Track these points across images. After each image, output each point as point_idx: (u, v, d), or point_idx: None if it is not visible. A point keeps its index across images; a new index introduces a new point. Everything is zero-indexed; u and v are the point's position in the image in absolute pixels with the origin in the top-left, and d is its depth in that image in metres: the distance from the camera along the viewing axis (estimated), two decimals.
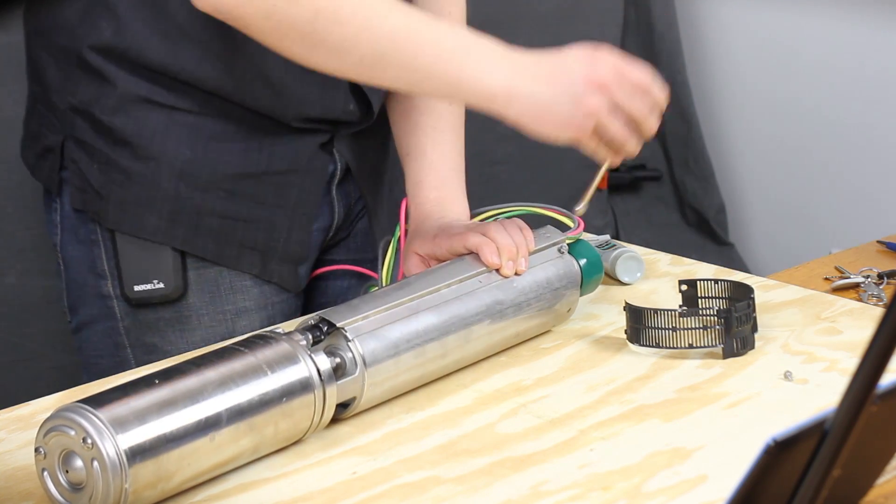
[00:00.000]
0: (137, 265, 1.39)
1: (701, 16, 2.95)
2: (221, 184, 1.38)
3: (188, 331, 1.42)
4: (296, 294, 1.48)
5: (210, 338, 1.41)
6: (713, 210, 2.93)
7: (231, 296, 1.43)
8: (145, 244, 1.39)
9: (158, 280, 1.39)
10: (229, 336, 1.41)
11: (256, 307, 1.44)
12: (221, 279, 1.42)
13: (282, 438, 1.10)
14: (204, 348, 1.29)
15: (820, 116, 2.76)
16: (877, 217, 2.63)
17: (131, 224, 1.38)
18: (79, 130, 1.39)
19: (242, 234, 1.40)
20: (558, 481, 1.05)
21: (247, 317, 1.43)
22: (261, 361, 1.08)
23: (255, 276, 1.43)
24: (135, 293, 1.39)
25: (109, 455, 0.97)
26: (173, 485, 1.02)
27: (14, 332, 2.24)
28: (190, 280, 1.41)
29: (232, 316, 1.43)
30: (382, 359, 1.16)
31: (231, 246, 1.41)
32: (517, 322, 1.28)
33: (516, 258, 1.27)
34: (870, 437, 0.83)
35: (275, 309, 1.45)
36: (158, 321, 1.41)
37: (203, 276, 1.41)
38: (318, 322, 1.14)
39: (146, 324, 1.42)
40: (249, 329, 1.42)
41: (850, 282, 1.53)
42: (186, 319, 1.41)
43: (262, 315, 1.44)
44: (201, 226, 1.39)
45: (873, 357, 0.71)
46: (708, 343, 1.26)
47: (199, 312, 1.42)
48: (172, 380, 1.04)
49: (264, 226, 1.41)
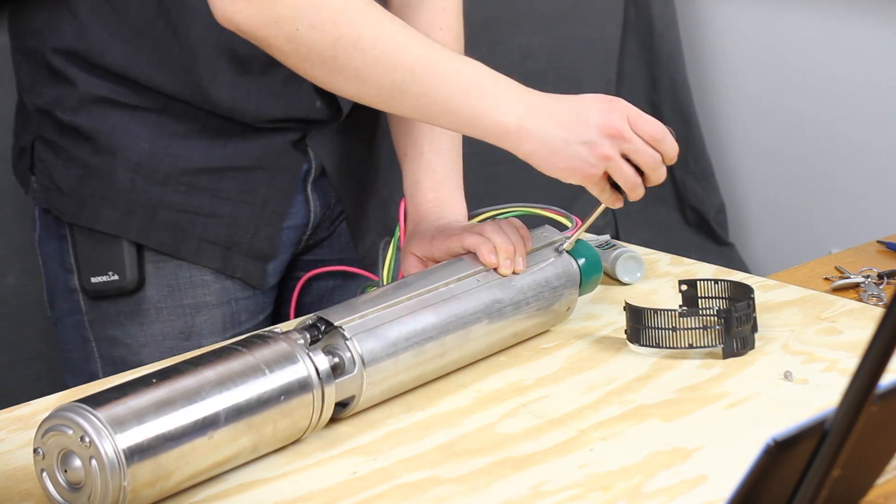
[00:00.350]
0: (94, 258, 1.41)
1: (701, 16, 2.95)
2: (180, 178, 1.39)
3: (146, 324, 1.42)
4: (263, 291, 1.48)
5: (169, 331, 1.42)
6: (713, 210, 2.93)
7: (190, 290, 1.43)
8: (102, 237, 1.40)
9: (113, 272, 1.40)
10: (188, 330, 1.42)
11: (218, 302, 1.44)
12: (180, 272, 1.42)
13: (281, 438, 1.10)
14: (164, 344, 1.32)
15: (820, 117, 2.76)
16: (877, 217, 2.63)
17: (87, 217, 1.40)
18: (45, 130, 1.41)
19: (202, 228, 1.40)
20: (558, 481, 1.05)
21: (206, 311, 1.43)
22: (259, 361, 1.08)
23: (217, 270, 1.43)
24: (91, 285, 1.41)
25: (107, 453, 0.97)
26: (172, 483, 1.02)
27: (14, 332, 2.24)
28: (148, 273, 1.41)
29: (191, 310, 1.43)
30: (381, 358, 1.16)
31: (189, 240, 1.41)
32: (516, 321, 1.28)
33: (514, 257, 1.27)
34: (870, 437, 0.83)
35: (239, 305, 1.45)
36: (119, 314, 1.42)
37: (161, 270, 1.42)
38: (316, 321, 1.15)
39: (107, 317, 1.43)
40: (209, 324, 1.43)
41: (850, 282, 1.53)
42: (145, 312, 1.42)
43: (223, 310, 1.44)
44: (157, 219, 1.40)
45: (873, 357, 0.71)
46: (708, 343, 1.26)
47: (157, 306, 1.42)
48: (171, 379, 1.04)
49: (227, 220, 1.42)
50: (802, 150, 2.81)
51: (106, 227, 1.40)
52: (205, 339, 1.44)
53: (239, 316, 1.45)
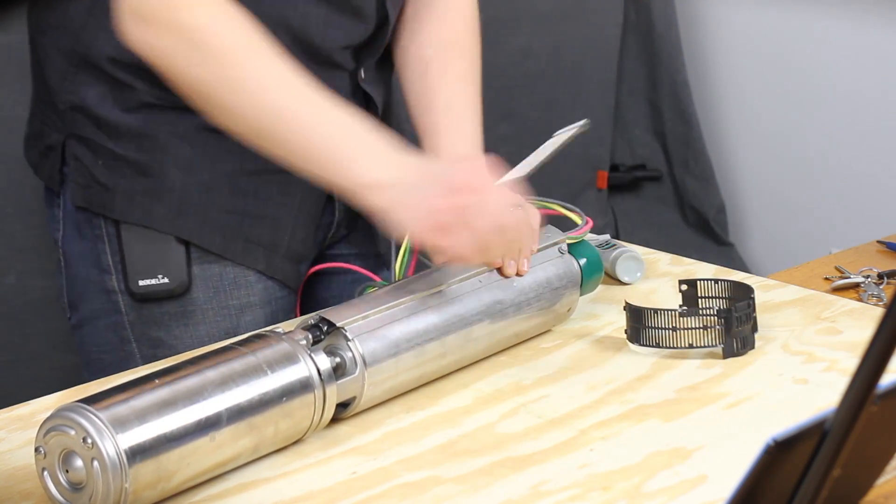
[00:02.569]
0: (143, 259, 1.39)
1: (701, 16, 2.95)
2: (223, 180, 1.40)
3: (192, 325, 1.42)
4: (294, 290, 1.48)
5: (214, 332, 1.42)
6: (713, 210, 2.93)
7: (235, 291, 1.43)
8: (151, 237, 1.39)
9: (163, 275, 1.40)
10: (233, 331, 1.41)
11: (261, 302, 1.44)
12: (225, 274, 1.42)
13: (282, 438, 1.10)
14: (210, 345, 1.29)
15: (820, 116, 2.76)
16: (877, 217, 2.63)
17: (139, 214, 1.39)
18: (80, 128, 1.40)
19: (248, 229, 1.41)
20: (558, 481, 1.05)
21: (251, 312, 1.44)
22: (261, 361, 1.08)
23: (260, 271, 1.43)
24: (140, 288, 1.40)
25: (110, 455, 0.97)
26: (173, 485, 1.02)
27: (14, 332, 2.24)
28: (194, 275, 1.41)
29: (236, 311, 1.43)
30: (382, 358, 1.16)
31: (237, 240, 1.42)
32: (517, 322, 1.28)
33: (518, 259, 1.27)
34: (870, 437, 0.83)
35: (277, 305, 1.46)
36: (163, 315, 1.42)
37: (207, 271, 1.42)
38: (318, 322, 1.14)
39: (151, 318, 1.42)
40: (254, 324, 1.43)
41: (850, 282, 1.53)
42: (191, 314, 1.42)
43: (266, 311, 1.45)
44: (208, 218, 1.40)
45: (873, 357, 0.71)
46: (708, 343, 1.26)
47: (203, 307, 1.42)
48: (172, 379, 1.04)
49: (269, 222, 1.42)
50: (802, 150, 2.81)
51: (160, 224, 1.39)
52: None
53: (277, 316, 1.45)
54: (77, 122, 1.40)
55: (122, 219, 1.39)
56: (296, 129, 1.23)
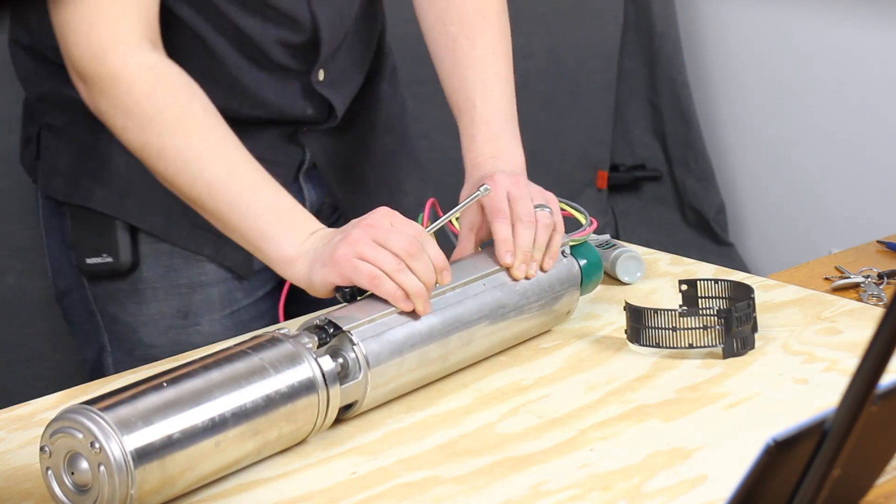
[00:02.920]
0: (88, 239, 1.43)
1: (701, 16, 2.95)
2: None
3: (144, 303, 1.44)
4: (246, 278, 1.48)
5: (166, 310, 1.44)
6: (713, 210, 2.93)
7: (186, 270, 1.44)
8: (97, 218, 1.42)
9: (107, 254, 1.42)
10: (185, 310, 1.43)
11: (214, 281, 1.45)
12: (175, 253, 1.44)
13: (285, 441, 1.10)
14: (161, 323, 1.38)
15: (820, 116, 2.76)
16: (877, 217, 2.63)
17: (81, 196, 1.42)
18: (49, 116, 1.43)
19: (194, 214, 1.39)
20: (558, 481, 1.05)
21: (203, 291, 1.45)
22: (265, 363, 1.08)
23: (207, 257, 1.44)
24: (86, 266, 1.43)
25: (117, 460, 0.97)
26: (177, 490, 1.02)
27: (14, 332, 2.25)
28: (143, 254, 1.43)
29: (187, 290, 1.44)
30: (386, 362, 1.16)
31: (181, 226, 1.43)
32: (518, 323, 1.28)
33: (530, 262, 1.27)
34: (870, 437, 0.83)
35: (234, 284, 1.46)
36: (118, 293, 1.44)
37: (157, 250, 1.43)
38: (325, 324, 1.14)
39: (108, 294, 1.45)
40: (206, 303, 1.44)
41: (850, 282, 1.53)
42: (142, 292, 1.44)
43: (220, 289, 1.45)
44: (152, 202, 1.41)
45: (873, 357, 0.71)
46: (708, 343, 1.26)
47: (153, 286, 1.44)
48: (178, 382, 1.03)
49: None
50: (802, 151, 2.81)
51: (100, 206, 1.42)
52: (202, 318, 1.45)
53: (235, 294, 1.46)
54: (46, 111, 1.43)
55: (68, 200, 1.43)
56: (228, 203, 1.25)
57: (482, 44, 1.43)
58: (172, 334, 1.44)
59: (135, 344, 1.45)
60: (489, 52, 1.43)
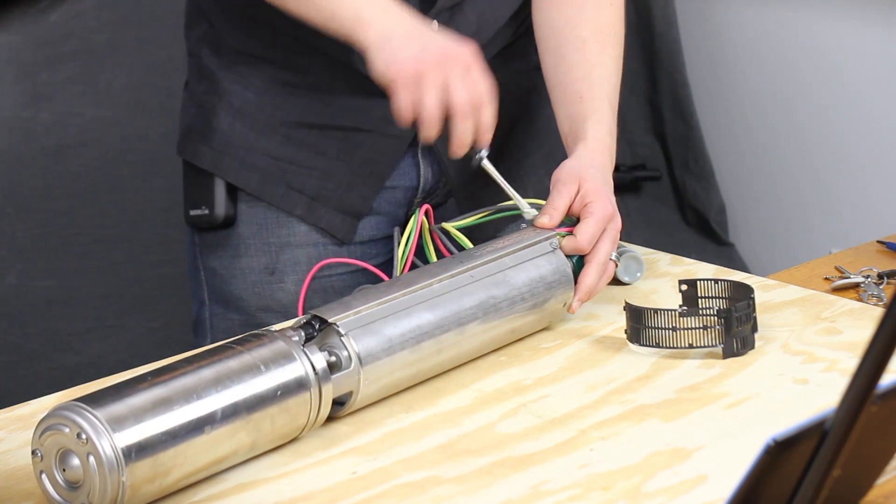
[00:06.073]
0: (192, 191, 1.54)
1: (701, 16, 2.95)
2: (278, 128, 1.50)
3: (237, 257, 1.53)
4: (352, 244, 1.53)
5: (255, 266, 1.52)
6: (713, 210, 2.93)
7: (277, 230, 1.52)
8: (201, 173, 1.52)
9: (205, 206, 1.51)
10: (272, 266, 1.51)
11: (302, 243, 1.52)
12: (269, 212, 1.52)
13: (279, 435, 1.10)
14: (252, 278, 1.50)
15: (820, 116, 2.76)
16: (877, 217, 2.63)
17: (189, 152, 1.53)
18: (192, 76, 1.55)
19: (291, 176, 1.49)
20: (558, 481, 1.05)
21: (289, 251, 1.52)
22: (256, 359, 1.08)
23: (300, 218, 1.51)
24: (190, 217, 1.54)
25: (104, 448, 0.97)
26: (172, 480, 1.02)
27: (14, 332, 2.25)
28: (241, 210, 1.52)
29: (276, 248, 1.52)
30: (377, 353, 1.16)
31: (276, 185, 1.50)
32: (512, 318, 1.28)
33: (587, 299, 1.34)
34: (870, 437, 0.83)
35: (322, 249, 1.52)
36: (217, 246, 1.54)
37: (253, 208, 1.52)
38: (311, 319, 1.15)
39: (209, 247, 1.55)
40: (292, 263, 1.52)
41: (850, 282, 1.53)
42: (236, 247, 1.53)
43: (307, 251, 1.52)
44: (247, 162, 1.49)
45: (873, 357, 0.71)
46: (708, 343, 1.26)
47: (246, 241, 1.52)
48: (168, 378, 1.04)
49: (318, 174, 1.50)
50: (803, 151, 2.81)
51: (201, 162, 1.52)
52: (287, 277, 1.52)
53: (322, 257, 1.51)
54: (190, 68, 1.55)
55: (180, 154, 1.55)
56: None
57: (610, 54, 1.50)
58: (259, 289, 1.53)
59: (228, 296, 1.54)
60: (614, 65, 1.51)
